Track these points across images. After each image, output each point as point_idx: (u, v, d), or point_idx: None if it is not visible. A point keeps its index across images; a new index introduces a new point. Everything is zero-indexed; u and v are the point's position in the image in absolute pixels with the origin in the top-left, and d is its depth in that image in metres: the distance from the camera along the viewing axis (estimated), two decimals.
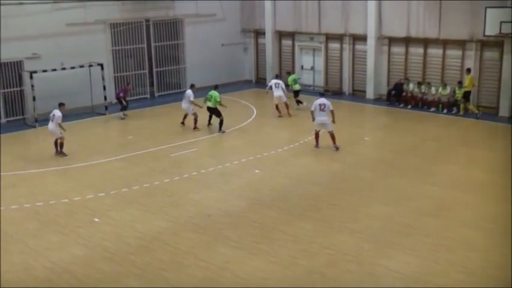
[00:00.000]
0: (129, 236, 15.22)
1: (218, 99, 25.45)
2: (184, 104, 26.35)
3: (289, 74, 32.23)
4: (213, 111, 25.80)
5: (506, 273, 12.97)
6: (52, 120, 22.59)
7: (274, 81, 29.42)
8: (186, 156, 22.48)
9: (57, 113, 22.56)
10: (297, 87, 30.87)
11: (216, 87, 26.15)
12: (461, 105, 28.76)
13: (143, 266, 13.57)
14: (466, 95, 28.42)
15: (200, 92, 32.42)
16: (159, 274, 13.21)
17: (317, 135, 23.07)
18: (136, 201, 17.75)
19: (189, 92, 26.37)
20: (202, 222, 16.01)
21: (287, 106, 28.82)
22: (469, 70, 28.45)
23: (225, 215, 16.58)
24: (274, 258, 13.81)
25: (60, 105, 22.98)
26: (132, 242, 14.85)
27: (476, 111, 28.09)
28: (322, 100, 22.75)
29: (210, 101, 25.63)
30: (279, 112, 28.73)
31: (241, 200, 17.68)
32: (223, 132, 25.59)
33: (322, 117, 22.52)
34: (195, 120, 25.92)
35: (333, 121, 22.54)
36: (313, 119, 22.72)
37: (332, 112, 22.52)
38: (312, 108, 22.74)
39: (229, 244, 14.63)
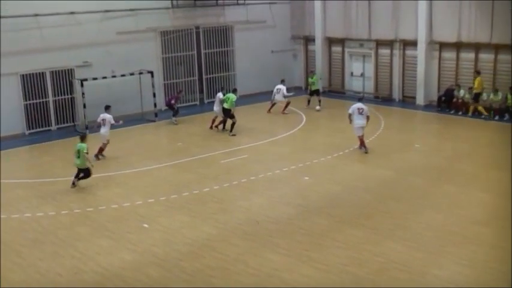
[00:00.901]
0: (178, 242, 15.29)
1: (234, 101, 26.25)
2: (216, 107, 26.75)
3: (312, 73, 33.63)
4: (227, 113, 26.42)
5: None
6: (104, 125, 22.99)
7: (277, 86, 31.17)
8: (236, 162, 22.51)
9: (107, 115, 23.30)
10: (315, 87, 32.11)
11: (234, 91, 27.36)
12: (471, 107, 29.48)
13: (192, 272, 13.61)
14: (476, 96, 29.22)
15: (249, 98, 32.64)
16: (207, 281, 13.22)
17: (361, 139, 23.36)
18: (185, 207, 17.83)
19: (219, 94, 27.12)
20: (251, 229, 15.99)
21: (286, 105, 30.87)
22: (478, 72, 29.22)
23: (274, 222, 16.51)
24: (324, 266, 13.69)
25: (107, 108, 23.75)
26: (181, 248, 14.90)
27: (486, 113, 28.79)
28: (360, 105, 23.17)
29: (226, 102, 26.22)
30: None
31: (290, 207, 17.60)
32: (234, 135, 26.21)
33: (361, 121, 23.02)
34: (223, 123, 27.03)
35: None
36: (350, 121, 23.22)
37: (368, 118, 23.15)
38: (350, 111, 23.15)
39: (277, 251, 14.57)
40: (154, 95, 30.21)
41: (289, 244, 14.98)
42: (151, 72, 30.22)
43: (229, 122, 26.54)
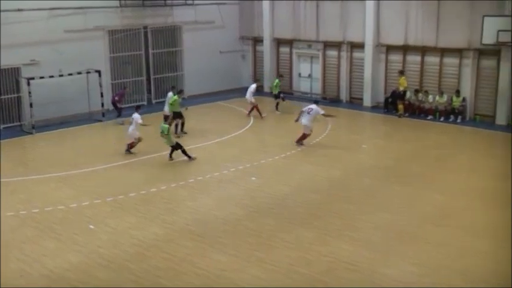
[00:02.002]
0: (125, 243, 15.11)
1: (170, 103, 25.88)
2: (166, 107, 26.45)
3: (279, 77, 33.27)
4: (177, 114, 26.03)
5: (507, 279, 12.92)
6: (131, 124, 23.50)
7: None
8: (184, 163, 22.36)
9: (136, 115, 23.57)
10: (277, 90, 31.82)
11: (179, 92, 26.92)
12: (400, 106, 30.35)
13: (139, 273, 13.46)
14: (401, 95, 30.31)
15: (197, 99, 32.57)
16: (155, 281, 13.10)
17: (302, 135, 24.46)
18: (132, 208, 17.64)
19: (170, 94, 26.63)
20: (199, 230, 15.92)
21: (253, 108, 30.06)
22: (401, 72, 30.43)
23: (222, 222, 16.47)
24: (272, 266, 13.70)
25: (137, 108, 24.43)
26: (128, 249, 14.74)
27: (402, 113, 30.13)
28: (313, 106, 24.48)
29: (173, 105, 25.95)
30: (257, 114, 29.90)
31: (238, 208, 17.57)
32: (185, 133, 26.29)
33: (305, 120, 24.22)
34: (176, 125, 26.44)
35: (329, 115, 25.71)
36: (297, 119, 24.54)
37: (324, 115, 24.99)
38: (303, 109, 24.44)
39: (226, 251, 14.52)
40: (102, 95, 29.79)
41: (237, 244, 14.94)
42: (99, 72, 29.82)
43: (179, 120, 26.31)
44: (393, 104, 31.17)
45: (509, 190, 18.57)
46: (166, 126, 22.17)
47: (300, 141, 24.36)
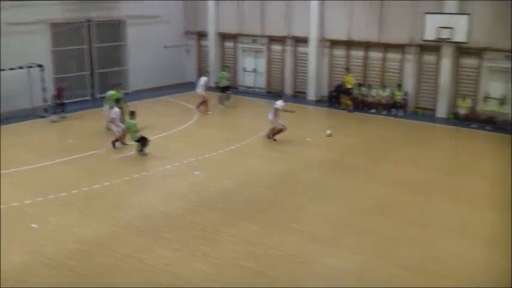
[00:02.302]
0: (68, 241, 14.84)
1: (107, 99, 25.58)
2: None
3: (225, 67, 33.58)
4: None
5: (446, 268, 13.27)
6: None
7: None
8: (127, 158, 22.17)
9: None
10: (223, 83, 31.94)
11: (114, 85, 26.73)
12: (342, 100, 31.06)
13: (82, 270, 13.27)
14: (348, 92, 30.79)
15: (142, 94, 32.34)
16: (98, 278, 12.94)
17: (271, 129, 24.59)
18: (75, 205, 17.36)
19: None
20: (144, 225, 15.78)
21: (203, 103, 29.65)
22: (347, 69, 31.05)
23: (167, 217, 16.38)
24: (217, 260, 13.71)
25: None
26: (71, 247, 14.49)
27: (350, 107, 30.49)
28: (277, 102, 24.64)
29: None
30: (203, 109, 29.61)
31: (183, 202, 17.51)
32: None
33: (270, 115, 24.37)
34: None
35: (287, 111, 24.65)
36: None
37: (285, 110, 24.47)
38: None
39: (170, 246, 14.46)
40: (44, 90, 29.25)
41: (182, 239, 14.90)
42: (41, 66, 29.28)
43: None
44: (337, 98, 31.50)
45: (450, 181, 19.08)
46: (134, 122, 22.18)
47: (269, 134, 24.59)
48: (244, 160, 21.90)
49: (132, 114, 22.72)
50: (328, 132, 25.60)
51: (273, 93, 34.29)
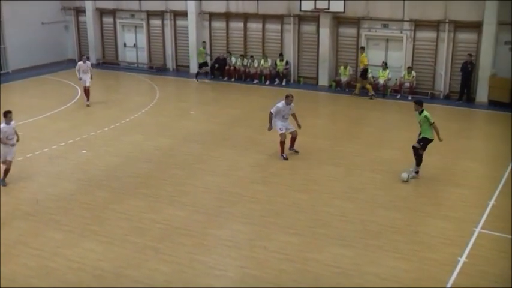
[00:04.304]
0: None
1: None
2: None
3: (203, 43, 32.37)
4: None
5: (336, 230, 14.00)
6: None
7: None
8: None
9: None
10: (202, 59, 31.34)
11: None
12: (358, 84, 28.33)
13: None
14: (363, 74, 27.98)
15: (22, 73, 31.44)
16: None
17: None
18: None
19: None
20: (31, 209, 15.63)
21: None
22: (362, 48, 28.26)
23: (55, 199, 16.29)
24: (106, 238, 13.87)
25: None
26: None
27: (372, 92, 27.68)
28: (279, 103, 19.52)
29: None
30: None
31: (70, 183, 17.47)
32: None
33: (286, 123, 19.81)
34: None
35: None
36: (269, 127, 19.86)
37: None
38: (271, 110, 19.54)
39: (60, 228, 14.47)
40: None
41: (71, 220, 14.92)
42: None
43: None
44: (219, 70, 31.89)
45: (333, 148, 20.06)
46: None
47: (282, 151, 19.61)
48: (128, 137, 21.93)
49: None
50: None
51: (155, 68, 34.31)
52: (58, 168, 18.87)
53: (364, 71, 27.84)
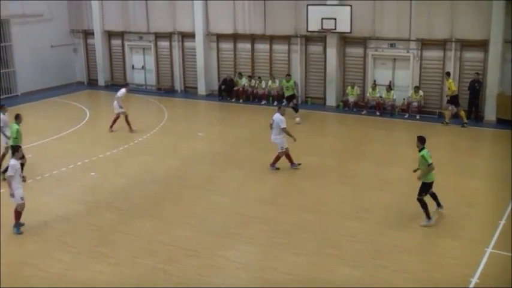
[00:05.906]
0: None
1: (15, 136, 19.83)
2: None
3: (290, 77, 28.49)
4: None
5: (344, 251, 13.91)
6: None
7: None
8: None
9: None
10: (289, 92, 27.63)
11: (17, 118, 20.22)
12: (446, 112, 26.41)
13: None
14: (454, 100, 26.18)
15: (31, 96, 31.58)
16: None
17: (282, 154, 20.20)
18: None
19: None
20: (40, 231, 15.67)
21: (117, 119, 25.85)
22: (448, 74, 26.37)
23: (63, 220, 16.31)
24: (115, 260, 13.87)
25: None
26: None
27: (466, 121, 25.90)
28: (274, 116, 20.21)
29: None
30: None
31: (79, 204, 17.49)
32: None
33: (271, 136, 20.33)
34: None
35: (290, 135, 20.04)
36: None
37: (284, 130, 19.83)
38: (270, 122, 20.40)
39: (68, 250, 14.48)
40: None
41: (79, 242, 14.93)
42: None
43: None
44: (226, 91, 31.89)
45: (341, 167, 20.07)
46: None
47: (273, 164, 20.17)
48: (137, 158, 22.00)
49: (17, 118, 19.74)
50: (298, 120, 26.21)
51: (163, 90, 34.42)
52: (66, 190, 18.90)
53: (455, 98, 26.01)
